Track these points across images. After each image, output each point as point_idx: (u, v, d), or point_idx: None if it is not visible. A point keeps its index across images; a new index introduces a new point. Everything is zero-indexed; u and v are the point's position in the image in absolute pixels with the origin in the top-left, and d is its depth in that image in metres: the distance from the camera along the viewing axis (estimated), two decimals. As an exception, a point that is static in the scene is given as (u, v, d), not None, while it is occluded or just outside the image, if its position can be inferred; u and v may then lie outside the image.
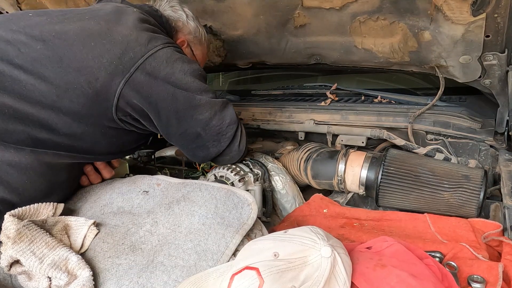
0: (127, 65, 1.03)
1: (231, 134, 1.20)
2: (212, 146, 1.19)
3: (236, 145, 1.24)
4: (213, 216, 0.93)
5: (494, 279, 0.83)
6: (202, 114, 1.13)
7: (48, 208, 0.96)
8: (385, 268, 0.77)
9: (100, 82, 1.01)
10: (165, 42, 1.12)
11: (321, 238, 0.72)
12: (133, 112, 1.08)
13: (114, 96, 1.03)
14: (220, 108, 1.16)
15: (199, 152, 1.21)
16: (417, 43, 1.33)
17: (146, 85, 1.04)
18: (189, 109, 1.11)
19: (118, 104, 1.04)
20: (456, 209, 1.18)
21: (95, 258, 0.88)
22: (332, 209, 1.29)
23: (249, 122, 1.74)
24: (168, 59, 1.08)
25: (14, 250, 0.81)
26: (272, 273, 0.67)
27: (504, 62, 1.20)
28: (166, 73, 1.06)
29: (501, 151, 1.33)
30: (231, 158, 1.28)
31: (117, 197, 1.09)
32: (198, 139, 1.17)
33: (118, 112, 1.06)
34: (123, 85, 1.02)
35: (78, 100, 1.00)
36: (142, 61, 1.04)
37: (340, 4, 1.30)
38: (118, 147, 1.18)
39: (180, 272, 0.82)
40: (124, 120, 1.09)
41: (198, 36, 1.41)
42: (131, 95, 1.04)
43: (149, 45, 1.06)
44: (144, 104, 1.06)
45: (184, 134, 1.15)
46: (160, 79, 1.05)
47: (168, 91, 1.07)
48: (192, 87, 1.11)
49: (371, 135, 1.48)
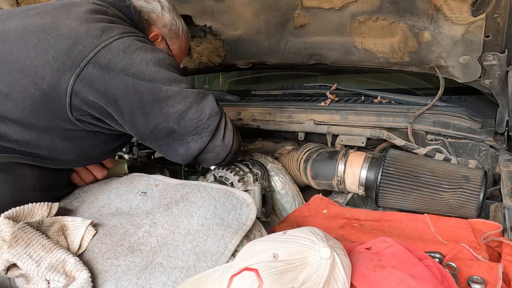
0: (76, 59, 0.93)
1: (213, 127, 1.07)
2: (192, 140, 1.06)
3: (219, 139, 1.10)
4: (212, 217, 0.93)
5: (494, 280, 0.83)
6: (174, 107, 1.00)
7: (43, 208, 0.95)
8: (384, 269, 0.76)
9: (46, 82, 0.92)
10: (123, 32, 1.01)
11: (320, 239, 0.72)
12: (92, 110, 0.98)
13: (66, 95, 0.93)
14: (196, 100, 1.04)
15: (179, 148, 1.08)
16: (417, 43, 1.33)
17: (100, 80, 0.94)
18: (156, 102, 0.99)
19: (72, 103, 0.94)
20: (456, 210, 1.18)
21: (93, 260, 0.88)
22: (331, 209, 1.29)
23: (249, 122, 1.74)
24: (126, 49, 0.97)
25: (10, 253, 0.80)
26: (271, 274, 0.67)
27: (504, 62, 1.20)
28: (124, 65, 0.96)
29: (501, 151, 1.33)
30: (217, 155, 1.13)
31: (115, 198, 1.09)
32: (173, 134, 1.05)
33: (74, 112, 0.96)
34: (73, 82, 0.92)
35: (24, 104, 0.92)
36: (94, 54, 0.94)
37: (340, 4, 1.30)
38: (86, 152, 1.08)
39: (179, 273, 0.81)
40: (84, 120, 1.00)
41: (174, 29, 1.28)
42: (85, 91, 0.94)
43: (102, 37, 0.96)
44: (102, 100, 0.96)
45: (155, 131, 1.03)
46: (117, 72, 0.95)
47: (128, 84, 0.96)
48: (158, 77, 0.99)
49: (371, 136, 1.48)
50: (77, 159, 1.09)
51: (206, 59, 1.84)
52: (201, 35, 1.73)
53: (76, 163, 1.11)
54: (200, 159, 1.14)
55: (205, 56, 1.83)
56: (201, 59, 1.85)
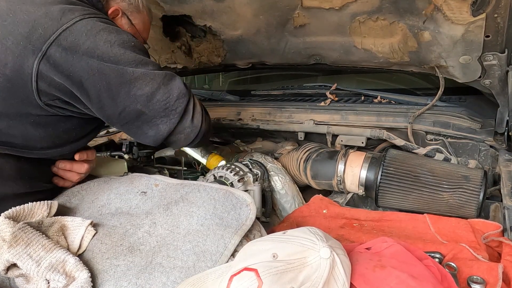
0: (37, 43, 0.91)
1: (181, 108, 1.06)
2: (161, 122, 1.05)
3: (188, 120, 1.08)
4: (211, 217, 0.93)
5: (494, 280, 0.83)
6: (141, 89, 0.99)
7: (43, 208, 0.95)
8: (384, 269, 0.76)
9: (9, 68, 0.91)
10: (84, 14, 0.98)
11: (320, 239, 0.72)
12: (60, 94, 0.97)
13: (31, 79, 0.92)
14: (164, 81, 1.02)
15: (148, 130, 1.06)
16: (417, 43, 1.33)
17: (64, 62, 0.92)
18: (123, 85, 0.97)
19: (39, 87, 0.93)
20: (456, 210, 1.18)
21: (93, 260, 0.88)
22: (331, 209, 1.29)
23: (249, 122, 1.74)
24: (88, 31, 0.95)
25: (10, 253, 0.80)
26: (271, 274, 0.67)
27: (504, 62, 1.20)
28: (87, 47, 0.94)
29: (501, 151, 1.33)
30: (186, 137, 1.12)
31: (115, 197, 1.08)
32: (142, 117, 1.03)
33: (42, 97, 0.95)
34: (37, 65, 0.91)
35: None
36: (56, 37, 0.92)
37: (340, 4, 1.30)
38: (61, 137, 1.06)
39: (178, 273, 0.81)
40: (53, 105, 0.98)
41: (134, 3, 1.23)
42: (50, 74, 0.93)
43: (62, 19, 0.94)
44: (68, 83, 0.94)
45: (123, 113, 1.01)
46: (80, 54, 0.93)
47: (92, 66, 0.94)
48: (123, 59, 0.97)
49: (371, 135, 1.48)
50: (53, 146, 1.07)
51: (206, 59, 1.84)
52: (201, 35, 1.73)
53: (54, 151, 1.09)
54: (170, 141, 1.13)
55: (205, 56, 1.83)
56: (201, 59, 1.85)
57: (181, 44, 1.83)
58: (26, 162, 1.03)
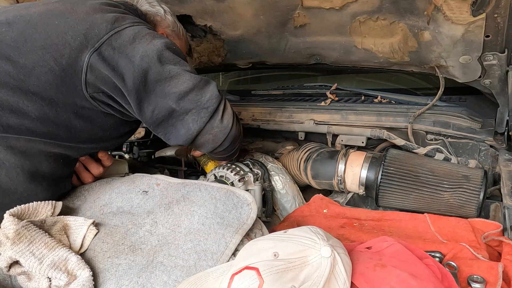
0: (92, 40, 1.03)
1: (213, 108, 1.09)
2: (191, 121, 1.08)
3: (217, 119, 1.11)
4: (212, 216, 0.93)
5: (494, 279, 0.83)
6: (175, 87, 1.05)
7: (47, 207, 0.96)
8: (385, 268, 0.77)
9: (65, 58, 1.01)
10: (134, 22, 1.10)
11: (321, 238, 0.72)
12: (105, 86, 1.05)
13: (82, 71, 1.02)
14: (199, 85, 1.08)
15: (180, 129, 1.10)
16: (417, 43, 1.33)
17: (112, 58, 1.03)
18: (159, 82, 1.05)
19: (87, 79, 1.03)
20: (456, 209, 1.18)
21: (94, 258, 0.88)
22: (332, 209, 1.29)
23: (249, 122, 1.74)
24: (135, 34, 1.06)
25: (13, 251, 0.81)
26: (272, 273, 0.67)
27: (504, 62, 1.20)
28: (133, 48, 1.04)
29: (501, 151, 1.33)
30: (215, 137, 1.14)
31: (117, 197, 1.09)
32: (173, 114, 1.08)
33: (88, 88, 1.04)
34: (88, 59, 1.02)
35: (46, 78, 1.00)
36: (108, 37, 1.03)
37: (340, 4, 1.30)
38: (98, 133, 1.14)
39: (180, 272, 0.82)
40: (97, 98, 1.07)
41: (176, 31, 1.39)
42: (99, 67, 1.02)
43: (115, 24, 1.06)
44: (113, 75, 1.03)
45: (156, 110, 1.07)
46: (126, 53, 1.03)
47: (134, 63, 1.03)
48: (163, 58, 1.05)
49: (371, 135, 1.48)
50: (89, 141, 1.14)
51: (206, 59, 1.84)
52: (201, 35, 1.73)
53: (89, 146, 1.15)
54: (198, 142, 1.15)
55: (205, 56, 1.83)
56: (201, 59, 1.85)
57: (181, 44, 1.83)
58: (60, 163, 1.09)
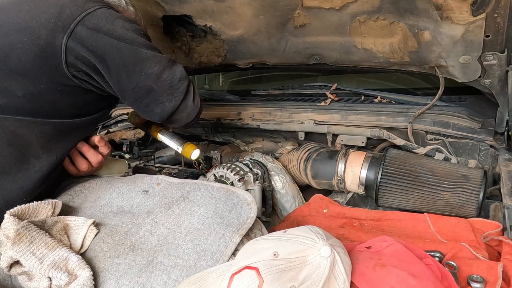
0: (66, 22, 1.06)
1: (183, 88, 1.21)
2: (166, 100, 1.20)
3: (190, 100, 1.25)
4: (212, 216, 0.93)
5: (494, 279, 0.83)
6: (151, 68, 1.14)
7: (47, 207, 0.96)
8: (384, 268, 0.77)
9: (43, 40, 1.05)
10: (103, 5, 1.15)
11: (321, 238, 0.72)
12: (84, 66, 1.10)
13: (61, 52, 1.06)
14: (168, 64, 1.18)
15: (155, 107, 1.21)
16: (417, 43, 1.33)
17: (90, 39, 1.07)
18: (137, 63, 1.13)
19: (67, 59, 1.07)
20: (456, 209, 1.18)
21: (95, 258, 0.88)
22: (332, 209, 1.29)
23: (249, 122, 1.74)
24: (107, 17, 1.11)
25: (14, 251, 0.81)
26: (272, 273, 0.68)
27: (504, 62, 1.20)
28: (107, 29, 1.09)
29: (501, 151, 1.33)
30: (188, 115, 1.28)
31: (117, 196, 1.09)
32: (151, 93, 1.18)
33: (69, 67, 1.08)
34: (66, 40, 1.05)
35: (26, 58, 1.04)
36: (81, 18, 1.07)
37: (340, 4, 1.30)
38: (82, 107, 1.20)
39: (179, 272, 0.82)
40: (78, 76, 1.11)
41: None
42: (77, 48, 1.07)
43: (85, 6, 1.10)
44: (92, 57, 1.08)
45: (136, 88, 1.16)
46: (103, 33, 1.08)
47: (113, 44, 1.09)
48: (136, 41, 1.13)
49: (371, 135, 1.48)
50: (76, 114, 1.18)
51: (206, 59, 1.84)
52: (201, 35, 1.73)
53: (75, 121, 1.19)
54: (173, 119, 1.27)
55: (205, 56, 1.83)
56: (201, 59, 1.85)
57: (181, 44, 1.83)
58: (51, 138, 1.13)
